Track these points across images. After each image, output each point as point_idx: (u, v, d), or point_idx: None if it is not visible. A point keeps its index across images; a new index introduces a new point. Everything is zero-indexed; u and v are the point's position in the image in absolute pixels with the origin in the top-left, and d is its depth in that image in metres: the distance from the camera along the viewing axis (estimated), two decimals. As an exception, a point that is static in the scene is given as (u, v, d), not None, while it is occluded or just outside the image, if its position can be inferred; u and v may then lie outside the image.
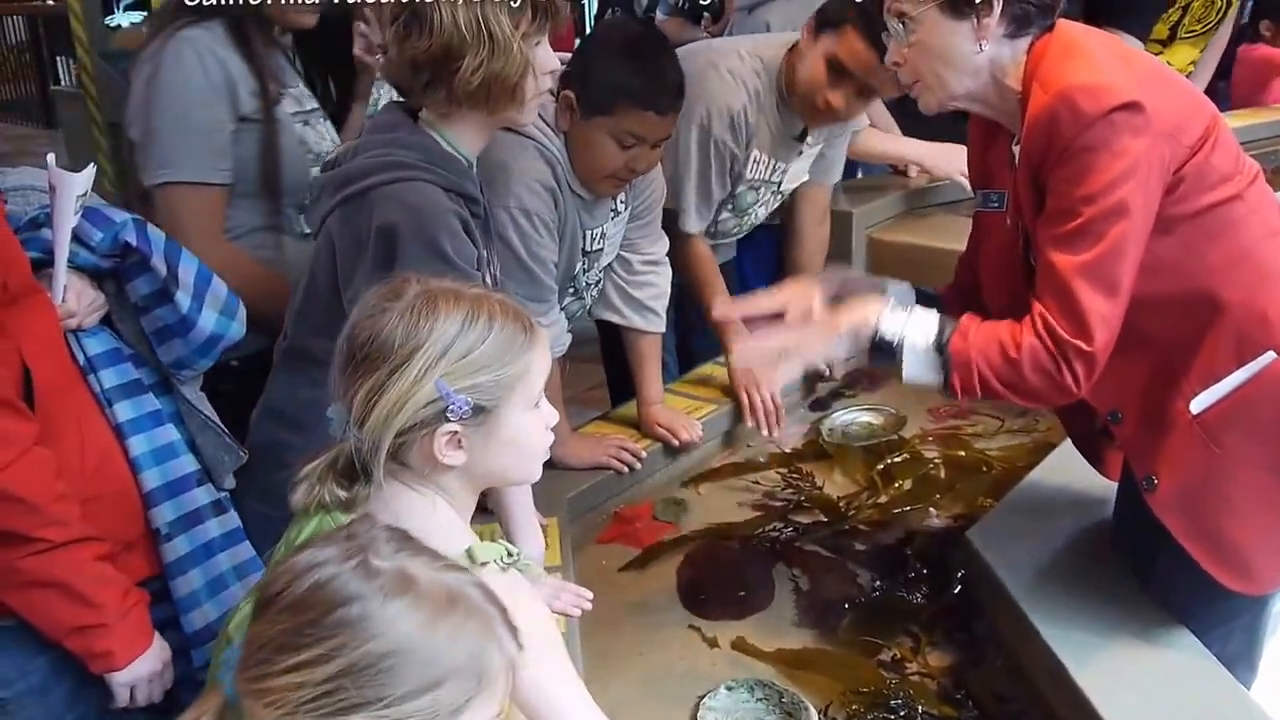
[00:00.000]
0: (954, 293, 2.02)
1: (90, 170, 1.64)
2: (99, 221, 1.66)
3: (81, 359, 1.67)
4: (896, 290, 1.95)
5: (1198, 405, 1.70)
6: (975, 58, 1.71)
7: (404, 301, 1.27)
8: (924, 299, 1.97)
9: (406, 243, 1.66)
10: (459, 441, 1.28)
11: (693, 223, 2.65)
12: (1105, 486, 2.06)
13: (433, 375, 1.24)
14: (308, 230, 2.00)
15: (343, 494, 1.28)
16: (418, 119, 1.80)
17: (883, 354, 1.76)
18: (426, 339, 1.24)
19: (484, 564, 1.28)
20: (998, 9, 1.67)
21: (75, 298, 1.65)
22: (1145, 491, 1.75)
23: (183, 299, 1.72)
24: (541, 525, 2.01)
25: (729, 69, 2.59)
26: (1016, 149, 1.77)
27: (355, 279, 1.72)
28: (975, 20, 1.68)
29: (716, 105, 2.57)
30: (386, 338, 1.25)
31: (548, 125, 2.18)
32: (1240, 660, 1.82)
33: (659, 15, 4.17)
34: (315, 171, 2.06)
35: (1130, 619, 1.84)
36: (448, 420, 1.25)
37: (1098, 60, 1.65)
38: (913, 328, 1.74)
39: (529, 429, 1.35)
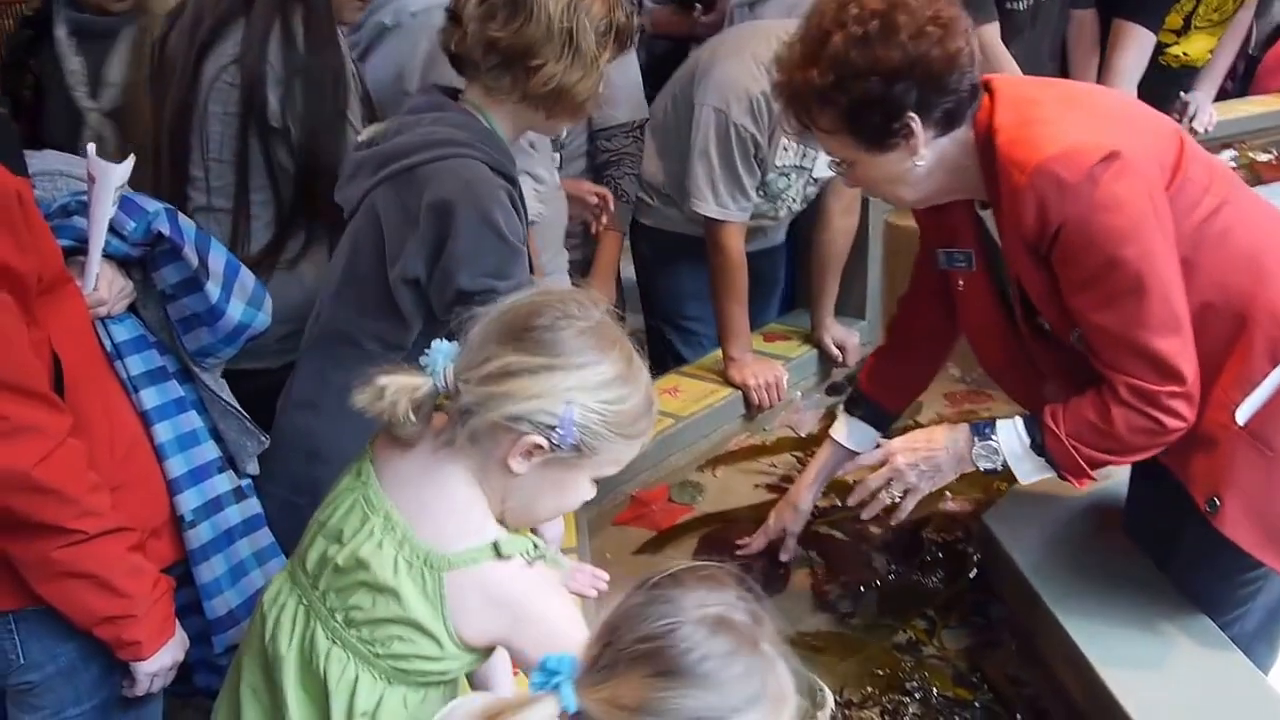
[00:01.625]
0: (881, 369, 2.13)
1: (130, 161, 1.63)
2: (132, 210, 1.66)
3: (108, 345, 1.67)
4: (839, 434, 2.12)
5: (1243, 414, 1.67)
6: (919, 168, 1.69)
7: (587, 319, 1.28)
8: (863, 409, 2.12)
9: (461, 216, 1.66)
10: (530, 457, 1.27)
11: (712, 206, 2.63)
12: (1120, 470, 2.06)
13: (570, 398, 1.24)
14: None
15: (410, 423, 1.28)
16: (456, 100, 1.80)
17: (992, 473, 1.85)
18: (589, 366, 1.26)
19: (509, 557, 1.28)
20: (918, 127, 1.64)
21: (106, 286, 1.65)
22: (1209, 515, 1.71)
23: (212, 289, 1.73)
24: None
25: (754, 53, 2.57)
26: (985, 214, 1.77)
27: (405, 254, 1.71)
28: (904, 142, 1.66)
29: (735, 90, 2.55)
30: (558, 340, 1.25)
31: None
32: (1259, 642, 1.83)
33: (648, 3, 3.90)
34: None
35: (1145, 602, 1.84)
36: (546, 437, 1.25)
37: (1056, 121, 1.63)
38: (1005, 445, 1.80)
39: (576, 493, 1.35)
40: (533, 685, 1.03)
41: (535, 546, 1.31)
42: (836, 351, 2.95)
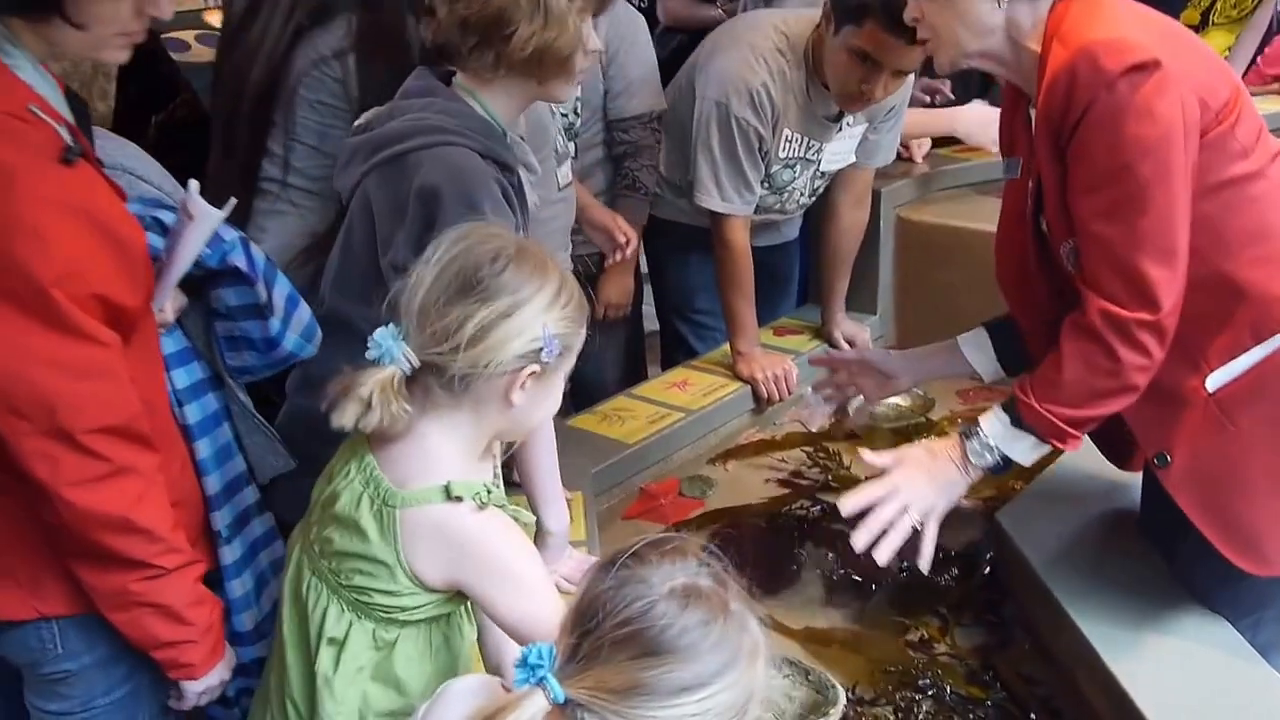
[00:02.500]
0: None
1: (230, 204, 1.61)
2: (210, 239, 1.65)
3: None
4: (966, 341, 2.02)
5: (1214, 383, 1.67)
6: (993, 15, 1.69)
7: (511, 247, 1.36)
8: (996, 330, 2.01)
9: (448, 204, 1.65)
10: (525, 384, 1.35)
11: (716, 200, 2.61)
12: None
13: (544, 320, 1.33)
14: None
15: (406, 413, 1.35)
16: (450, 84, 1.79)
17: (1000, 468, 1.80)
18: (542, 288, 1.34)
19: (459, 499, 1.35)
20: None
21: (171, 306, 1.65)
22: (1157, 468, 1.74)
23: (274, 323, 1.72)
24: (565, 499, 2.00)
25: (752, 44, 2.55)
26: (1033, 111, 1.74)
27: (395, 242, 1.71)
28: None
29: (734, 83, 2.53)
30: (507, 280, 1.33)
31: None
32: (1272, 648, 1.80)
33: None
34: None
35: (1158, 602, 1.83)
36: (537, 361, 1.34)
37: (1122, 19, 1.63)
38: (992, 434, 1.76)
39: (558, 394, 1.45)
40: (517, 681, 1.06)
41: (488, 491, 1.38)
42: (847, 346, 2.94)
